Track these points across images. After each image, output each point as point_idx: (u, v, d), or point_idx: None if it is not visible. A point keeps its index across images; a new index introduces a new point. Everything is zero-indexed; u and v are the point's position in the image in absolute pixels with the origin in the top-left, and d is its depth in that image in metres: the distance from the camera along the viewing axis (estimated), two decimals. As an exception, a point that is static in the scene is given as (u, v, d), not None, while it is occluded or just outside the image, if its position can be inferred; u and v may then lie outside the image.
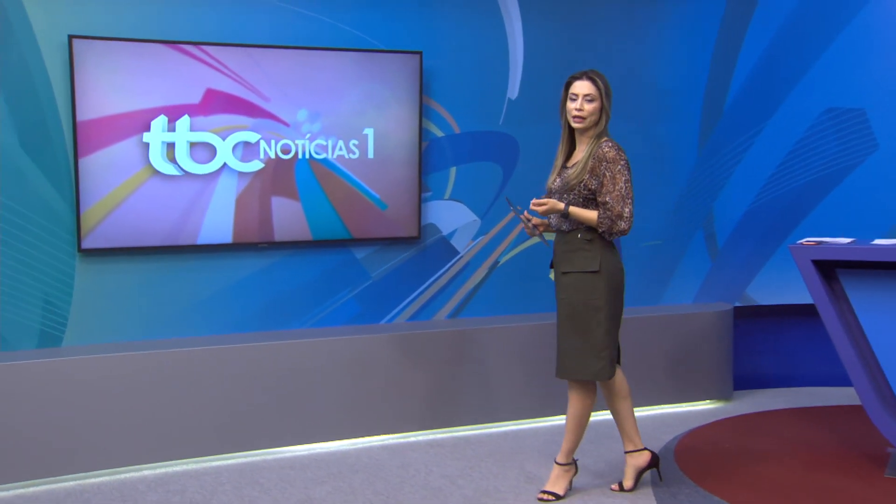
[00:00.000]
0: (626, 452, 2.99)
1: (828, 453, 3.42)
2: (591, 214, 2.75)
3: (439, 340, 3.63)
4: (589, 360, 2.77)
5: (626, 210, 2.72)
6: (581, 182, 2.75)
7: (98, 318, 3.32)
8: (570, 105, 2.73)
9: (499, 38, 3.84)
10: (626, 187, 2.72)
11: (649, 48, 4.08)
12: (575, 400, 2.87)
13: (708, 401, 4.18)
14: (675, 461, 3.34)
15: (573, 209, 2.76)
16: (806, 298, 3.90)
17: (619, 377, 2.93)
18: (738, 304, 4.26)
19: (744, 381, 4.38)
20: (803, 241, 3.25)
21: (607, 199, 2.72)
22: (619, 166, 2.71)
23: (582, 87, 2.73)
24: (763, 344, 4.40)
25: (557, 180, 2.82)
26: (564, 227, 2.81)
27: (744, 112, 4.14)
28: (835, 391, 4.31)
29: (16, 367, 3.05)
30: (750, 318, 4.35)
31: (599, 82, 2.73)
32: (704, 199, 4.23)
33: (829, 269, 3.20)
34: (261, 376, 3.37)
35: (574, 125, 2.74)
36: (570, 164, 2.81)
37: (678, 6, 4.09)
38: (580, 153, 2.81)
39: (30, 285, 3.22)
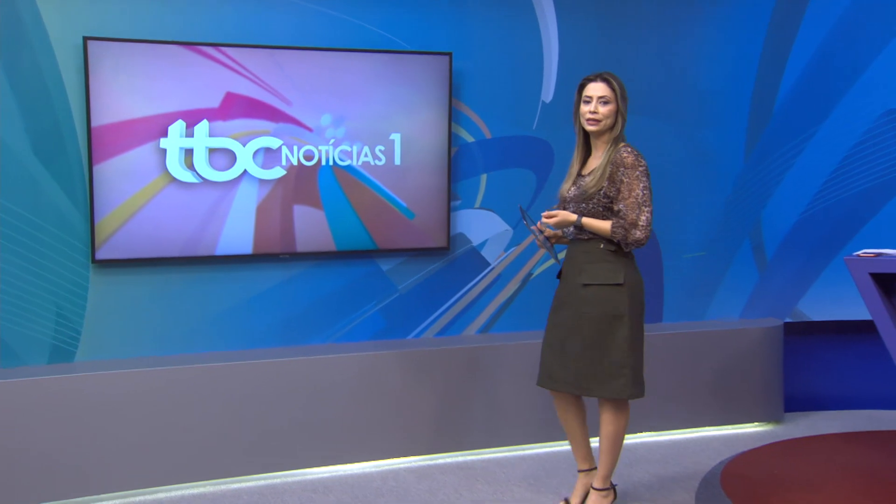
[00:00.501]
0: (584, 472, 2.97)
1: (886, 481, 3.28)
2: (604, 224, 2.70)
3: (469, 357, 3.57)
4: (612, 377, 2.72)
5: (643, 218, 2.67)
6: (600, 190, 2.70)
7: (112, 333, 3.29)
8: (585, 108, 2.71)
9: (533, 38, 3.77)
10: (643, 194, 2.67)
11: (692, 47, 3.99)
12: (607, 419, 2.81)
13: (756, 423, 4.05)
14: (721, 487, 3.22)
15: (586, 220, 2.72)
16: (863, 314, 3.82)
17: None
18: (788, 320, 4.15)
19: (795, 402, 4.25)
20: (860, 252, 3.16)
21: (621, 206, 2.68)
22: (638, 172, 2.67)
23: (596, 88, 2.70)
24: (816, 363, 4.27)
25: (572, 189, 2.77)
26: (583, 236, 2.75)
27: (795, 114, 4.02)
28: (894, 414, 4.19)
29: (26, 384, 3.02)
30: (802, 335, 4.23)
31: (614, 83, 2.71)
32: (752, 207, 4.12)
33: (889, 283, 3.09)
34: (282, 394, 3.33)
35: (588, 128, 2.71)
36: (585, 171, 2.76)
37: (723, 1, 4.00)
38: (596, 160, 2.77)
39: (42, 298, 3.19)
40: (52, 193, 3.16)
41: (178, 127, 3.24)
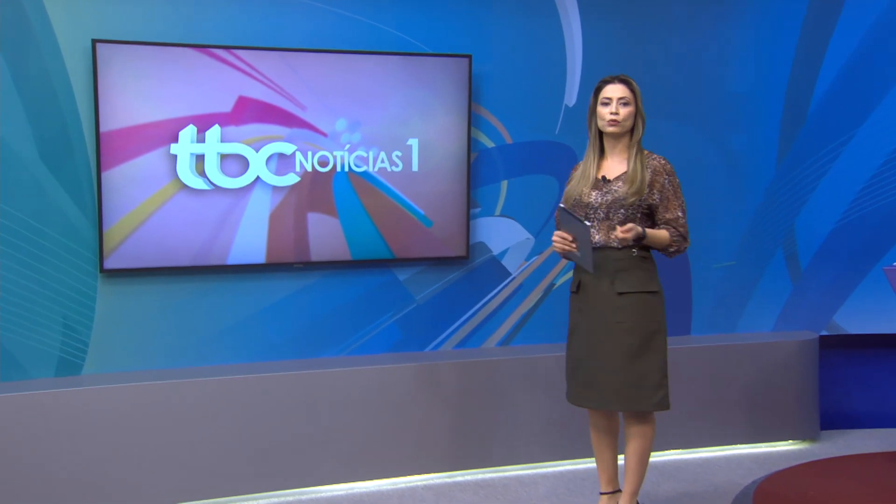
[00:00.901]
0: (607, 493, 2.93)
1: (934, 506, 3.16)
2: (663, 234, 2.73)
3: (489, 370, 3.52)
4: (651, 388, 2.71)
5: (687, 226, 2.78)
6: (641, 197, 2.69)
7: (121, 345, 3.26)
8: (604, 110, 2.72)
9: (555, 39, 3.71)
10: (684, 202, 2.76)
11: (721, 47, 3.91)
12: (637, 433, 2.77)
13: (790, 441, 3.95)
14: (754, 510, 3.11)
15: (649, 231, 2.72)
16: (903, 327, 3.71)
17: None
18: (824, 333, 4.06)
19: (831, 419, 4.14)
20: (901, 262, 3.04)
21: (672, 214, 2.72)
22: (677, 179, 2.74)
23: (615, 90, 2.72)
24: (853, 378, 4.15)
25: (596, 194, 2.74)
26: (614, 244, 2.72)
27: (831, 117, 3.93)
28: (935, 432, 4.07)
29: (32, 398, 2.99)
30: (838, 349, 4.12)
31: (633, 85, 2.74)
32: (785, 215, 4.03)
33: (933, 295, 2.96)
34: (295, 409, 3.29)
35: (608, 130, 2.72)
36: (610, 176, 2.75)
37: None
38: (616, 164, 2.77)
39: (48, 308, 3.16)
40: (59, 200, 3.14)
41: (188, 132, 3.21)
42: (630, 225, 2.66)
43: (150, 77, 3.14)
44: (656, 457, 3.62)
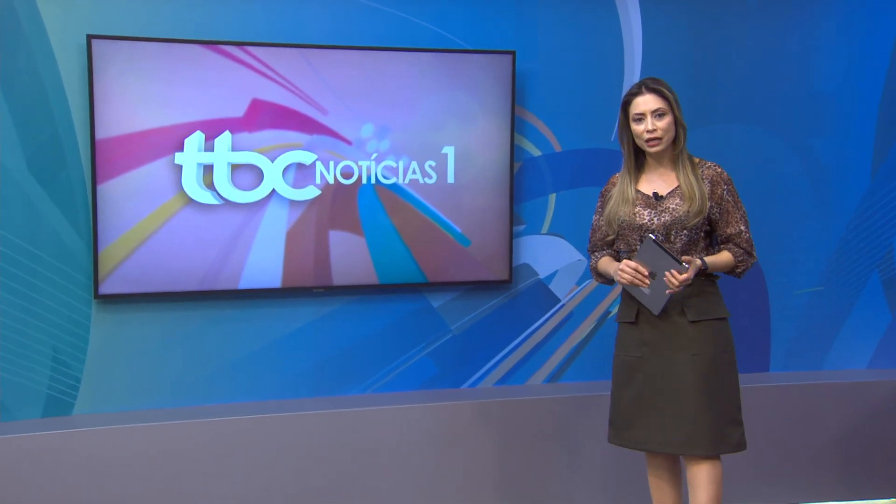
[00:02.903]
0: None
1: None
2: (726, 258, 2.67)
3: (535, 410, 3.43)
4: (729, 427, 2.63)
5: (751, 239, 2.73)
6: (705, 215, 2.64)
7: (117, 380, 3.19)
8: (638, 127, 2.66)
9: (611, 33, 3.58)
10: (745, 212, 2.71)
11: (804, 41, 3.75)
12: (707, 480, 2.65)
13: (890, 499, 3.70)
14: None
15: (709, 260, 2.65)
16: None
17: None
18: None
19: None
20: None
21: (741, 227, 2.67)
22: (734, 188, 2.69)
23: (646, 102, 2.64)
24: None
25: (649, 214, 2.67)
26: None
27: None
28: None
29: (16, 441, 2.93)
30: None
31: (665, 90, 2.64)
32: (881, 233, 3.84)
33: None
34: (315, 453, 3.23)
35: (650, 150, 2.66)
36: (661, 192, 2.69)
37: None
38: (664, 178, 2.70)
39: (35, 339, 3.09)
40: (48, 216, 3.08)
41: (195, 139, 3.15)
42: (688, 264, 2.55)
43: (153, 77, 3.10)
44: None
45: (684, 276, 2.51)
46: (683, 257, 2.54)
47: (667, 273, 2.50)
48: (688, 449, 2.61)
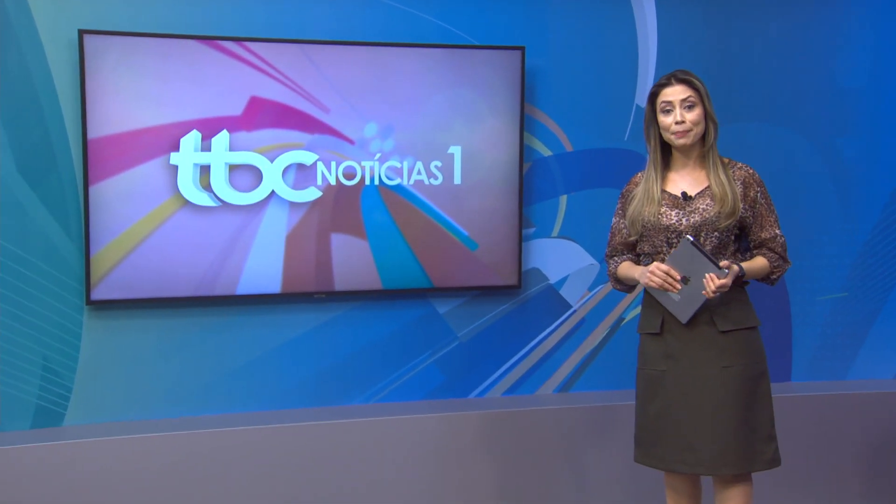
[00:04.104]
0: None
1: None
2: (760, 264, 2.61)
3: (546, 421, 3.41)
4: (763, 443, 2.57)
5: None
6: (737, 218, 2.59)
7: (110, 390, 3.18)
8: (666, 119, 2.60)
9: (625, 28, 3.57)
10: (777, 215, 2.67)
11: (827, 35, 3.73)
12: (737, 500, 2.62)
13: None
14: None
15: (746, 266, 2.61)
16: None
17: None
18: None
19: None
20: None
21: (776, 231, 2.63)
22: (766, 190, 2.66)
23: (675, 92, 2.58)
24: None
25: (676, 215, 2.61)
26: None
27: None
28: None
29: (5, 454, 2.91)
30: None
31: (696, 82, 2.60)
32: None
33: None
34: (317, 465, 3.21)
35: (678, 143, 2.59)
36: (690, 192, 2.64)
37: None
38: (693, 177, 2.64)
39: (25, 347, 3.07)
40: (39, 219, 3.07)
41: (192, 139, 3.14)
42: (727, 269, 2.50)
43: (147, 74, 3.08)
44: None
45: (723, 280, 2.45)
46: (721, 262, 2.47)
47: (706, 276, 2.42)
48: (718, 468, 2.54)
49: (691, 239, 2.48)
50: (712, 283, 2.45)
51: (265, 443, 3.12)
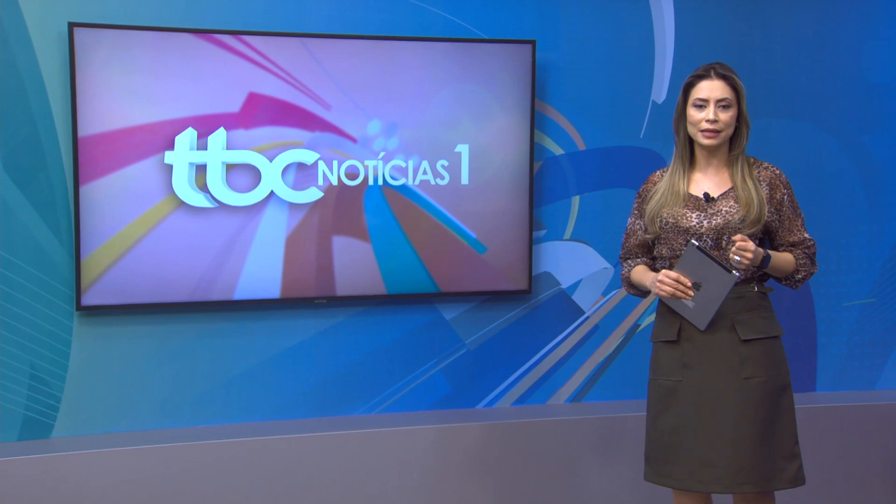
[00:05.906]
0: None
1: None
2: (787, 258, 2.56)
3: (557, 432, 3.40)
4: (785, 460, 2.52)
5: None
6: (762, 221, 2.55)
7: (101, 400, 3.16)
8: (697, 114, 2.54)
9: (641, 21, 3.56)
10: (804, 218, 2.64)
11: (855, 28, 3.69)
12: None
13: None
14: None
15: (774, 255, 2.56)
16: None
17: None
18: None
19: None
20: None
21: (804, 234, 2.59)
22: (792, 191, 2.63)
23: (712, 88, 2.51)
24: None
25: (697, 217, 2.55)
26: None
27: None
28: None
29: None
30: None
31: (737, 81, 2.54)
32: None
33: None
34: (317, 478, 3.20)
35: (704, 142, 2.54)
36: (713, 193, 2.60)
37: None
38: (717, 177, 2.60)
39: (12, 355, 3.04)
40: (26, 221, 3.05)
41: (187, 137, 3.13)
42: (742, 246, 2.42)
43: (140, 69, 3.07)
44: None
45: (747, 244, 2.38)
46: (735, 236, 2.41)
47: (736, 241, 2.36)
48: (737, 486, 2.48)
49: (696, 244, 2.45)
50: (743, 249, 2.39)
51: (263, 455, 3.11)
